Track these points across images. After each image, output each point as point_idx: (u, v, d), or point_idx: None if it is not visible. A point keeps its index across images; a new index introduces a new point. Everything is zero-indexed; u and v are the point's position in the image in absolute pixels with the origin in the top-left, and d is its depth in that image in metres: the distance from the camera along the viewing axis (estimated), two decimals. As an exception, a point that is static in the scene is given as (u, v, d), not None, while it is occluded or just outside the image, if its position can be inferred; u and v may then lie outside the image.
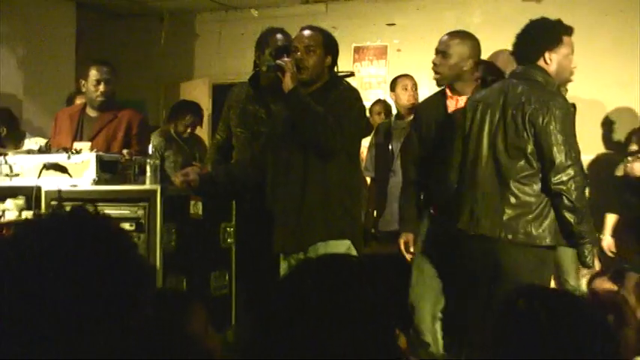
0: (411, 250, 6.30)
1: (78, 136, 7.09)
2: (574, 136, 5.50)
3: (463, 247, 5.85)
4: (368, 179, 8.30)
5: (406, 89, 8.16)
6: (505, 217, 5.51)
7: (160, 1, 10.88)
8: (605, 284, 4.31)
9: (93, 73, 7.22)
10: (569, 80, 6.46)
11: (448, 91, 6.25)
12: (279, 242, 5.80)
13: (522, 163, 5.49)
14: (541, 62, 5.61)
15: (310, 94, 5.72)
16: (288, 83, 5.60)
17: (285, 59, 5.71)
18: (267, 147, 5.96)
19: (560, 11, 9.92)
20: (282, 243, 5.79)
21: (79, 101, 7.47)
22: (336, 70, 5.98)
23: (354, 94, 5.97)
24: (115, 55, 10.22)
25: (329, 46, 5.89)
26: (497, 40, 7.61)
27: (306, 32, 5.90)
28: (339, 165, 5.74)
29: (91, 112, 7.30)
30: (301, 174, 5.70)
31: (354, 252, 5.66)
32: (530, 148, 5.44)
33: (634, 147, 8.18)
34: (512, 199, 5.49)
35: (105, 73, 7.22)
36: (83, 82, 7.31)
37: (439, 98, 6.36)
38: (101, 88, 7.20)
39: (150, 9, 11.20)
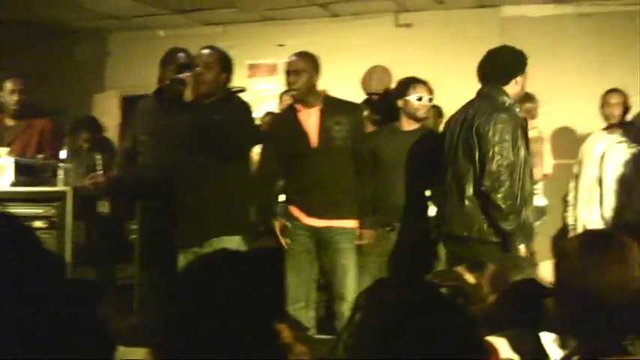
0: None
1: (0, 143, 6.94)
2: (510, 146, 5.51)
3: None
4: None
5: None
6: (463, 217, 5.59)
7: (77, 22, 10.72)
8: (465, 274, 4.33)
9: (8, 85, 7.14)
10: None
11: (300, 106, 6.22)
12: (178, 237, 5.73)
13: (472, 168, 5.55)
14: (509, 85, 5.70)
15: (208, 105, 5.70)
16: (189, 95, 5.59)
17: (187, 74, 5.70)
18: (169, 152, 5.89)
19: (428, 36, 10.08)
20: (182, 238, 5.73)
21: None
22: (230, 85, 5.99)
23: (245, 107, 5.98)
24: (38, 68, 10.01)
25: (225, 64, 5.90)
26: (372, 58, 7.67)
27: (205, 51, 5.91)
28: (232, 168, 5.72)
29: (9, 122, 7.19)
30: (199, 176, 5.67)
31: (243, 247, 5.68)
32: (477, 155, 5.51)
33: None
34: (467, 201, 5.56)
35: (19, 84, 7.12)
36: (1, 93, 7.18)
37: (290, 113, 6.34)
38: (15, 97, 7.10)
39: (67, 28, 11.02)
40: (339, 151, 6.17)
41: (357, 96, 7.91)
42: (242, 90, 6.41)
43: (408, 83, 6.57)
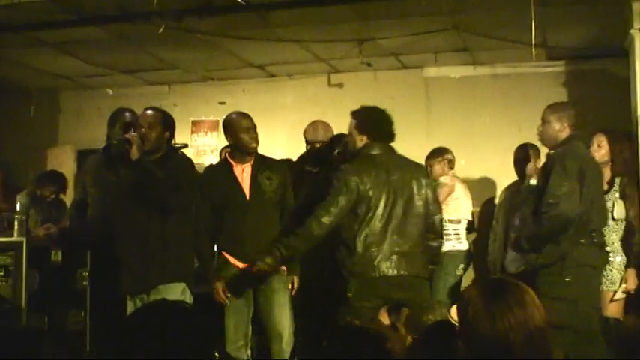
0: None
1: None
2: None
3: None
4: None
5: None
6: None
7: (29, 80, 10.69)
8: (383, 317, 4.43)
9: None
10: None
11: (232, 161, 6.25)
12: (124, 285, 5.77)
13: None
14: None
15: (152, 162, 5.75)
16: (134, 153, 5.65)
17: (132, 134, 5.77)
18: (116, 205, 5.93)
19: (358, 95, 10.18)
20: (128, 285, 5.76)
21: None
22: (173, 142, 6.06)
23: (188, 162, 6.06)
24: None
25: (167, 124, 5.94)
26: (305, 115, 7.78)
27: (149, 112, 5.95)
28: (174, 219, 5.76)
29: None
30: (144, 227, 5.72)
31: (188, 292, 5.73)
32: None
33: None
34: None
35: None
36: None
37: (225, 167, 6.33)
38: None
39: (20, 86, 10.98)
40: (269, 203, 6.21)
41: (292, 148, 8.01)
42: (184, 146, 6.50)
43: (339, 138, 6.80)
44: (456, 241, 7.84)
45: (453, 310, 3.80)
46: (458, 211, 7.90)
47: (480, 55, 9.56)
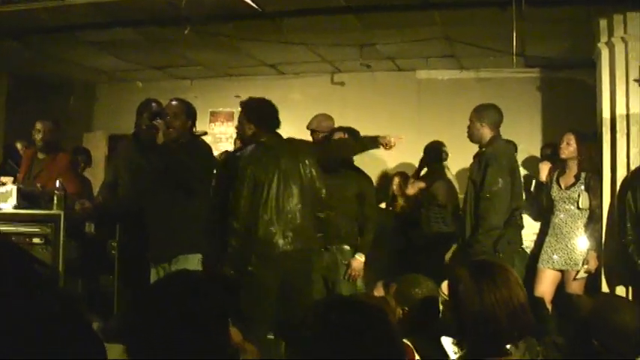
0: None
1: (30, 173, 6.97)
2: None
3: None
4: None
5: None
6: None
7: (70, 75, 10.74)
8: (378, 290, 4.44)
9: (37, 125, 7.14)
10: None
11: None
12: (151, 254, 5.80)
13: None
14: None
15: (176, 147, 5.77)
16: (160, 138, 5.68)
17: (159, 121, 5.75)
18: (144, 185, 5.95)
19: (357, 93, 10.21)
20: (152, 256, 5.79)
21: (19, 145, 7.26)
22: (194, 130, 6.06)
23: (207, 148, 6.06)
24: (38, 113, 10.00)
25: (189, 113, 5.97)
26: (311, 110, 7.74)
27: (174, 103, 5.98)
28: (195, 198, 5.76)
29: (40, 155, 7.18)
30: (168, 205, 5.72)
31: (199, 266, 5.67)
32: None
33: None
34: None
35: (43, 126, 7.10)
36: (33, 132, 7.19)
37: None
38: (40, 136, 7.08)
39: (63, 80, 11.01)
40: None
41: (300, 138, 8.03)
42: (204, 134, 6.50)
43: (333, 131, 6.83)
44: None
45: (444, 285, 3.83)
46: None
47: (466, 61, 9.57)
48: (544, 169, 7.07)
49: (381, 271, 7.22)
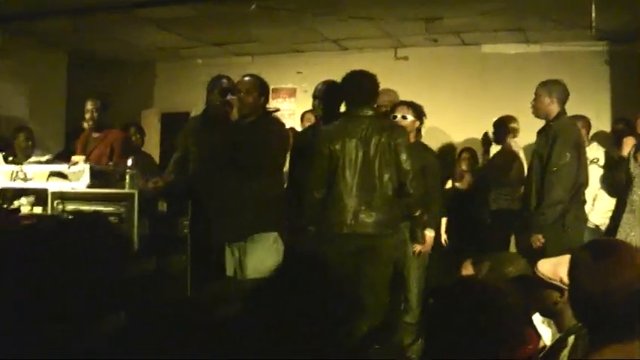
0: None
1: (86, 152, 6.90)
2: None
3: None
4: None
5: (310, 120, 7.97)
6: None
7: (129, 53, 10.71)
8: (467, 269, 4.28)
9: (87, 105, 7.10)
10: None
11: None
12: (225, 234, 5.73)
13: None
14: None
15: (248, 124, 5.69)
16: (234, 115, 5.63)
17: (232, 97, 5.67)
18: (214, 162, 5.84)
19: (421, 68, 10.03)
20: (228, 235, 5.72)
21: (85, 126, 7.25)
22: (268, 106, 5.97)
23: (280, 125, 5.99)
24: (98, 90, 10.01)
25: (262, 90, 5.88)
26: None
27: (247, 78, 5.89)
28: (267, 177, 5.68)
29: (94, 134, 7.13)
30: (240, 184, 5.62)
31: (279, 241, 5.61)
32: None
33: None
34: None
35: (92, 104, 7.05)
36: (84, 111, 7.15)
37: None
38: (88, 115, 7.04)
39: (121, 58, 10.99)
40: None
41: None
42: (277, 110, 6.41)
43: (395, 105, 6.61)
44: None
45: (542, 263, 3.66)
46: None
47: (533, 34, 9.33)
48: (628, 143, 6.87)
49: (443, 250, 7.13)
